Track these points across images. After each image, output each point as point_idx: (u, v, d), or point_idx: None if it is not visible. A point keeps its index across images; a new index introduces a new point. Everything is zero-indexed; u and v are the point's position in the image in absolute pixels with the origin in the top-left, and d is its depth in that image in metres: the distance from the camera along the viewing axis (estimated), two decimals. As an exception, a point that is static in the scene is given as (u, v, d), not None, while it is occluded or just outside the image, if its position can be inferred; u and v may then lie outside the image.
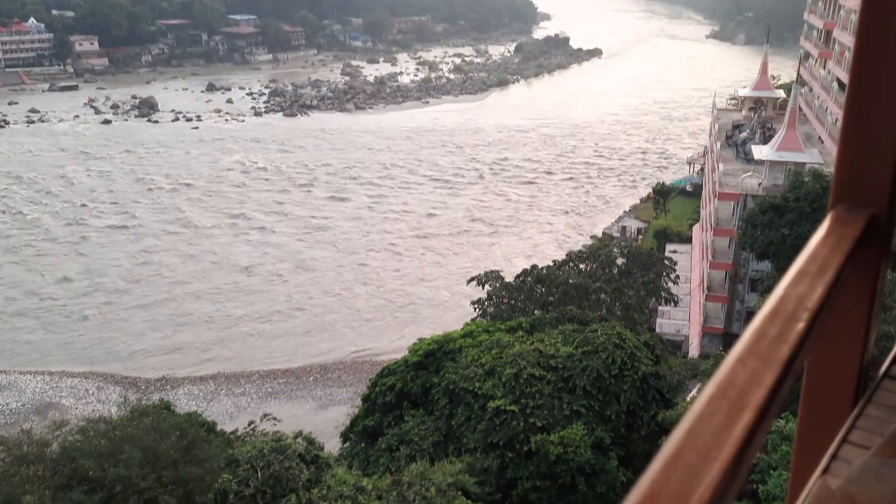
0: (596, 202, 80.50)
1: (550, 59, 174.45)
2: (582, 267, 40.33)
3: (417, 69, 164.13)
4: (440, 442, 25.47)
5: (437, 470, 21.11)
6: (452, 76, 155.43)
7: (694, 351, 43.25)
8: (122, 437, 20.77)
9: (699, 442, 1.09)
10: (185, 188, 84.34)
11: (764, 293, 33.51)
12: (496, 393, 24.98)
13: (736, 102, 67.60)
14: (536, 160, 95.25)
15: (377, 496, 19.48)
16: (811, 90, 54.55)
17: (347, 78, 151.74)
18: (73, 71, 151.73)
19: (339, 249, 67.53)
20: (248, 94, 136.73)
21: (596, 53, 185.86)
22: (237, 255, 66.18)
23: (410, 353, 29.59)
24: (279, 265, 64.00)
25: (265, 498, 19.18)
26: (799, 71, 53.21)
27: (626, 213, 75.14)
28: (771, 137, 44.80)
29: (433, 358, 28.53)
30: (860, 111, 1.70)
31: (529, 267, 40.29)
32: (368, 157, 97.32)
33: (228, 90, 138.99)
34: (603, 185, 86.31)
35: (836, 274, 1.55)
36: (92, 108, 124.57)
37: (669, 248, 55.40)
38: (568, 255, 42.42)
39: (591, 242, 55.59)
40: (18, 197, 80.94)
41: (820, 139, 47.49)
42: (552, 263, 41.33)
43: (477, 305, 38.65)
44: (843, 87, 43.30)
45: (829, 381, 2.02)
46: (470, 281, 40.24)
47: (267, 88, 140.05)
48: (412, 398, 27.90)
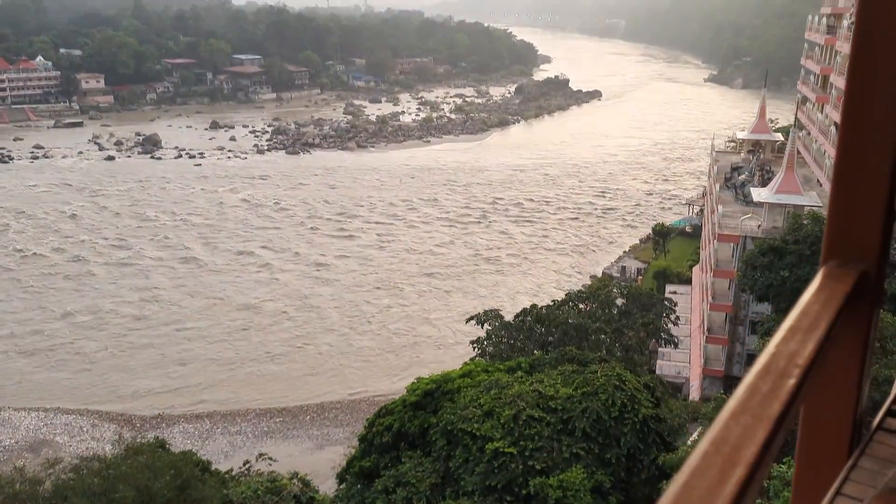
0: (597, 241, 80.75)
1: (550, 100, 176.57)
2: (581, 307, 40.26)
3: (419, 109, 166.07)
4: (437, 484, 25.09)
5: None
6: (454, 116, 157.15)
7: (694, 394, 42.92)
8: (115, 475, 20.53)
9: (693, 497, 1.12)
10: (188, 224, 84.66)
11: (764, 336, 33.39)
12: (495, 434, 24.71)
13: (734, 145, 68.21)
14: (538, 199, 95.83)
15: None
16: (809, 134, 55.10)
17: (350, 117, 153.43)
18: (78, 108, 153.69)
19: (343, 287, 67.52)
20: (250, 131, 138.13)
21: (596, 95, 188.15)
22: (242, 292, 66.09)
23: (408, 392, 29.31)
24: (282, 303, 63.89)
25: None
26: (797, 115, 53.80)
27: (625, 253, 75.30)
28: (769, 180, 45.12)
29: (431, 398, 28.26)
30: (848, 172, 1.74)
31: (529, 306, 40.19)
32: (372, 194, 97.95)
33: (232, 128, 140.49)
34: (603, 224, 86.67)
35: (827, 329, 1.58)
36: (96, 144, 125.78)
37: (669, 288, 55.36)
38: (567, 294, 42.34)
39: (590, 282, 55.61)
40: (21, 232, 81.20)
41: (818, 182, 47.80)
42: (552, 303, 41.26)
43: (476, 345, 38.46)
44: (840, 131, 43.60)
45: (823, 432, 2.02)
46: (469, 320, 40.09)
47: (270, 126, 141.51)
48: (410, 439, 27.57)
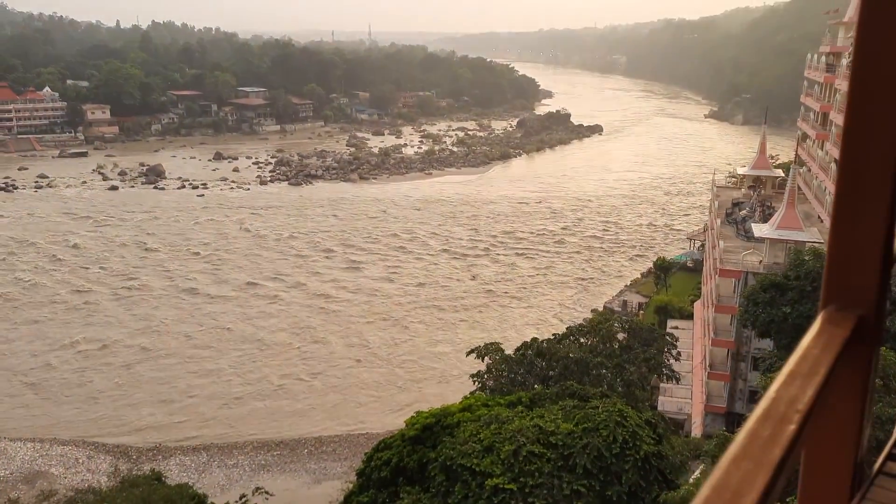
0: (599, 275, 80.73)
1: (552, 134, 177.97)
2: (583, 341, 40.10)
3: (421, 142, 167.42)
4: (436, 520, 24.76)
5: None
6: (456, 149, 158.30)
7: (696, 430, 42.52)
8: (109, 509, 20.27)
9: None
10: (191, 255, 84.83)
11: (766, 372, 33.17)
12: (494, 470, 24.42)
13: (735, 180, 68.49)
14: (540, 233, 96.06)
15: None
16: (809, 170, 55.40)
17: (353, 149, 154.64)
18: (83, 138, 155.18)
19: (348, 318, 67.37)
20: (254, 163, 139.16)
21: (597, 130, 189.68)
22: (246, 322, 65.94)
23: (407, 426, 29.07)
24: (287, 334, 63.69)
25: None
26: (797, 151, 54.14)
27: (627, 287, 75.20)
28: (770, 216, 45.26)
29: (431, 432, 28.00)
30: (846, 219, 1.75)
31: (530, 340, 40.03)
32: (374, 226, 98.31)
33: (235, 159, 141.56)
34: (605, 258, 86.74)
35: (826, 374, 1.58)
36: (100, 174, 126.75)
37: (671, 323, 55.18)
38: (568, 328, 42.22)
39: (591, 315, 55.44)
40: (25, 261, 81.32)
41: (819, 218, 47.92)
42: (553, 336, 41.10)
43: (476, 378, 38.23)
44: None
45: (824, 477, 2.00)
46: (469, 353, 39.90)
47: (273, 158, 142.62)
48: (408, 474, 27.25)
